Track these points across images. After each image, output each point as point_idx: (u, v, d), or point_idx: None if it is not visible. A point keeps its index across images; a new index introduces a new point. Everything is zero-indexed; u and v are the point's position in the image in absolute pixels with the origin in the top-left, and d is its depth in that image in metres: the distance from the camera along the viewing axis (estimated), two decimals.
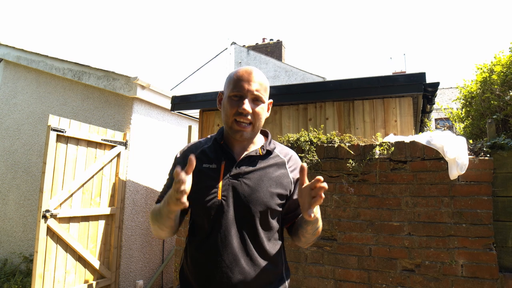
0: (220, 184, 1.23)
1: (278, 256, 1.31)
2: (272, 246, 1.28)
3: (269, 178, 1.27)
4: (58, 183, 3.48)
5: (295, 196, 1.32)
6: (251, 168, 1.27)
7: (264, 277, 1.24)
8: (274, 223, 1.29)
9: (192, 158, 1.05)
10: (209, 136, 1.41)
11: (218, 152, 1.30)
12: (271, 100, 1.37)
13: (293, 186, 1.32)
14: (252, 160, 1.29)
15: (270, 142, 1.36)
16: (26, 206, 5.03)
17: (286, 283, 1.34)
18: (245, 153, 1.29)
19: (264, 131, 1.42)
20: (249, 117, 1.22)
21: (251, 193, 1.23)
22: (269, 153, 1.32)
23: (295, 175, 1.34)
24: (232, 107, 1.23)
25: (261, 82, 1.26)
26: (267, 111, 1.34)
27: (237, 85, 1.23)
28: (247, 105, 1.21)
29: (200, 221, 1.27)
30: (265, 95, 1.28)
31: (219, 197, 1.22)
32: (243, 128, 1.23)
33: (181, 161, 1.33)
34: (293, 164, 1.36)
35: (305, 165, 1.12)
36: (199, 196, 1.23)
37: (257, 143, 1.34)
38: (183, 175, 1.02)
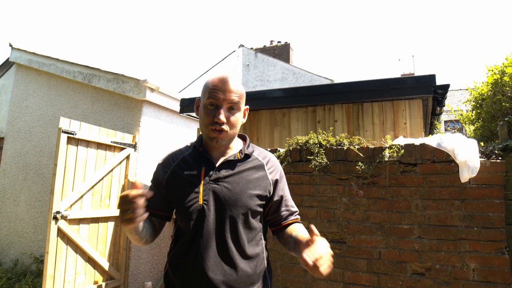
0: (201, 189, 1.26)
1: (261, 257, 1.33)
2: (254, 247, 1.31)
3: (248, 180, 1.30)
4: (69, 184, 3.52)
5: (275, 198, 1.37)
6: (230, 172, 1.29)
7: (247, 279, 1.26)
8: (256, 223, 1.32)
9: (137, 182, 1.10)
10: (189, 143, 1.44)
11: (197, 158, 1.33)
12: (247, 107, 1.38)
13: (272, 187, 1.35)
14: (231, 164, 1.31)
15: (248, 146, 1.38)
16: (36, 208, 5.09)
17: (268, 281, 1.37)
18: (224, 157, 1.32)
19: (242, 135, 1.44)
20: (224, 126, 1.24)
21: (231, 196, 1.25)
22: (247, 156, 1.35)
23: (273, 176, 1.37)
24: (208, 116, 1.25)
25: (236, 91, 1.27)
26: (244, 117, 1.36)
27: (212, 94, 1.24)
28: (222, 116, 1.23)
29: (183, 226, 1.30)
30: (240, 103, 1.29)
31: (200, 201, 1.25)
32: (218, 135, 1.24)
33: (160, 170, 1.37)
34: (271, 166, 1.39)
35: (313, 227, 1.11)
36: (181, 202, 1.27)
37: (235, 147, 1.37)
38: (132, 195, 1.06)
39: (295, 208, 1.46)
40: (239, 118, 1.31)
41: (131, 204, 1.06)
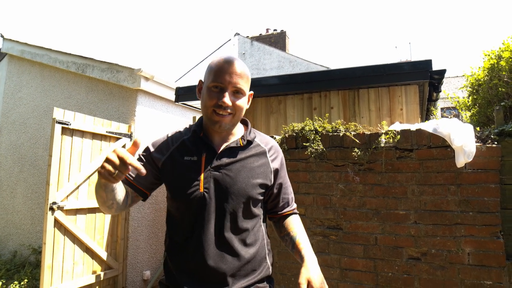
0: (202, 176, 1.22)
1: (261, 244, 1.32)
2: (255, 234, 1.29)
3: (250, 168, 1.27)
4: (64, 175, 3.50)
5: (275, 186, 1.35)
6: (232, 159, 1.25)
7: (249, 266, 1.25)
8: (257, 210, 1.30)
9: (138, 140, 1.04)
10: (188, 126, 1.38)
11: (198, 144, 1.28)
12: (251, 92, 1.33)
13: (273, 175, 1.33)
14: (233, 151, 1.27)
15: (250, 132, 1.34)
16: (33, 199, 5.08)
17: (269, 263, 1.35)
18: (226, 144, 1.27)
19: (244, 120, 1.39)
20: (229, 110, 1.19)
21: (233, 184, 1.22)
22: (249, 143, 1.31)
23: (275, 164, 1.34)
24: (212, 99, 1.18)
25: (242, 74, 1.21)
26: (248, 103, 1.30)
27: (218, 76, 1.18)
28: (227, 98, 1.17)
29: (182, 215, 1.26)
30: (246, 87, 1.24)
31: (201, 189, 1.21)
32: (222, 118, 1.19)
33: (156, 150, 1.31)
34: (273, 153, 1.36)
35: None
36: (181, 189, 1.22)
37: (237, 133, 1.32)
38: (130, 161, 0.99)
39: (292, 196, 1.45)
40: (244, 103, 1.25)
41: (122, 167, 0.99)
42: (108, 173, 1.00)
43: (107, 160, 1.00)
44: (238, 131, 1.34)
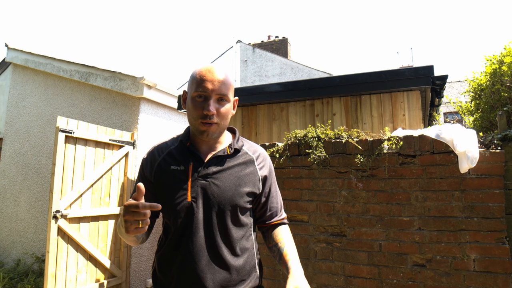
0: (189, 185, 1.22)
1: (251, 253, 1.31)
2: (244, 243, 1.28)
3: (238, 176, 1.26)
4: (68, 183, 3.52)
5: (263, 195, 1.34)
6: (219, 168, 1.25)
7: (238, 276, 1.23)
8: (245, 219, 1.29)
9: (141, 186, 1.02)
10: (175, 136, 1.39)
11: (185, 153, 1.28)
12: (236, 98, 1.33)
13: (261, 184, 1.32)
14: (220, 159, 1.27)
15: (238, 140, 1.34)
16: (37, 207, 5.10)
17: (258, 273, 1.34)
18: (213, 153, 1.27)
19: (232, 128, 1.40)
20: (214, 118, 1.19)
21: (221, 193, 1.22)
22: (237, 151, 1.31)
23: (263, 172, 1.34)
24: (197, 109, 1.19)
25: (225, 81, 1.21)
26: (233, 109, 1.30)
27: (201, 85, 1.18)
28: (211, 107, 1.17)
29: (170, 224, 1.26)
30: (229, 94, 1.23)
31: (189, 198, 1.21)
32: (208, 127, 1.19)
33: (147, 165, 1.32)
34: (261, 161, 1.35)
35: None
36: (168, 198, 1.23)
37: (225, 142, 1.32)
38: (143, 206, 1.00)
39: (281, 205, 1.44)
40: (229, 110, 1.25)
41: (140, 215, 1.01)
42: (136, 229, 1.03)
43: (127, 221, 1.02)
44: (226, 139, 1.34)
